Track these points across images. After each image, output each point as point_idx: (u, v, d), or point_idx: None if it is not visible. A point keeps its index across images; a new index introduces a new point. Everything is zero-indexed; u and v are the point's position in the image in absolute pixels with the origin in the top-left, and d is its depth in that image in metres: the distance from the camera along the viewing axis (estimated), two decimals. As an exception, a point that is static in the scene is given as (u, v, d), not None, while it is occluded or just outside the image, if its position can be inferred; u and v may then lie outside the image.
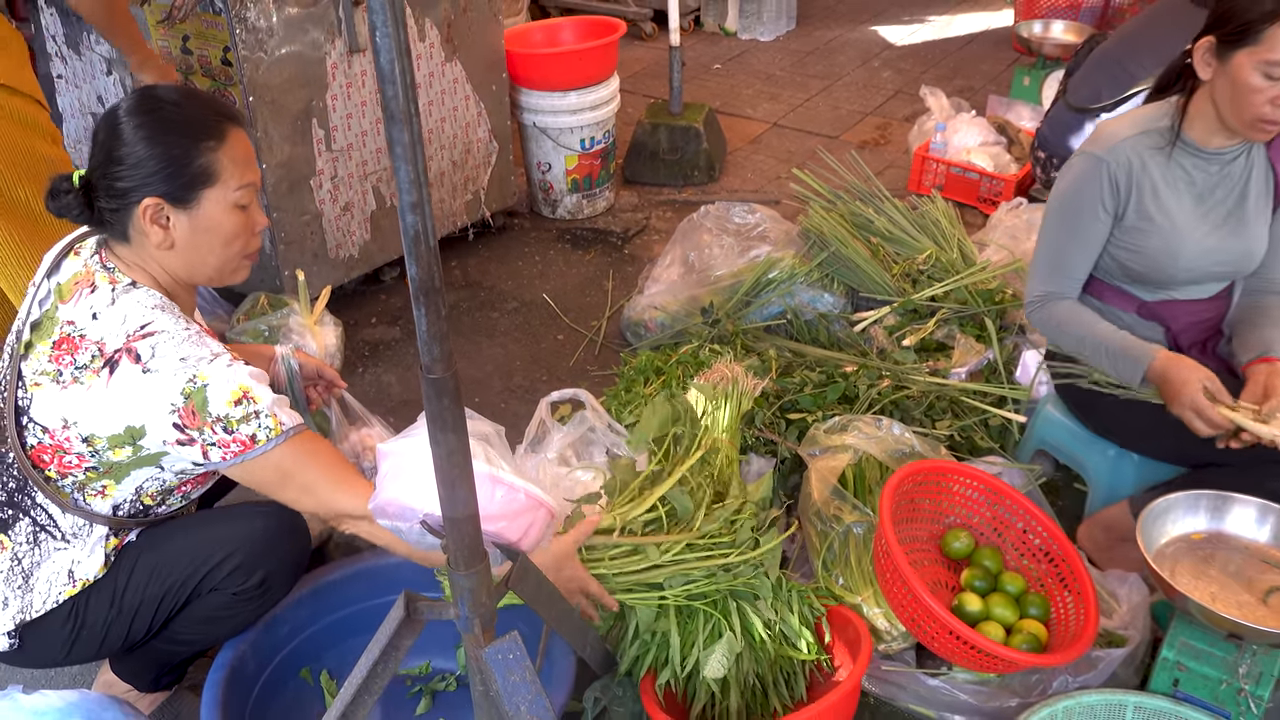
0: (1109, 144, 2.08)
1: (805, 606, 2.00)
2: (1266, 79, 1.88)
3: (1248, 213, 2.13)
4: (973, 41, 6.14)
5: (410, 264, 1.14)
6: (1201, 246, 2.12)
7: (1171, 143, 2.07)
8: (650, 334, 3.14)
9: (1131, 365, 2.08)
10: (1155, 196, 2.09)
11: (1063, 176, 2.17)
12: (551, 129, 3.89)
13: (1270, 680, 1.79)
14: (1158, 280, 2.18)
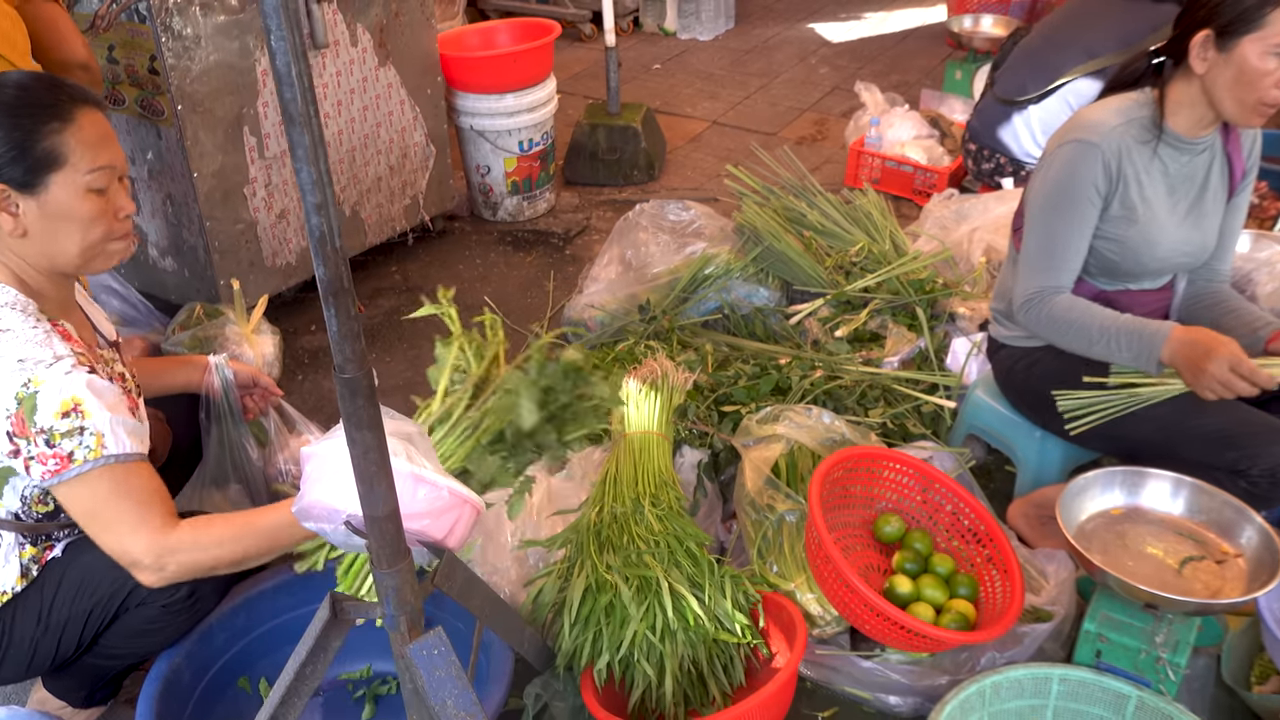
0: (1100, 131, 2.09)
1: (740, 592, 2.04)
2: (1276, 59, 1.92)
3: (1207, 204, 2.19)
4: (908, 37, 6.23)
5: (318, 265, 1.14)
6: (1173, 237, 2.16)
7: (1157, 135, 2.11)
8: (591, 332, 3.16)
9: (1149, 343, 2.05)
10: (1139, 187, 2.12)
11: (1049, 166, 2.15)
12: (489, 132, 3.90)
13: (1186, 648, 1.85)
14: (1128, 271, 2.20)
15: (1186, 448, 2.06)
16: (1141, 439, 2.10)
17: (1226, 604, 1.76)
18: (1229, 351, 1.95)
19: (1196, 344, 1.99)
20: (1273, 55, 1.91)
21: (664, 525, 2.11)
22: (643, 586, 2.01)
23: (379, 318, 3.51)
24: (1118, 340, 2.08)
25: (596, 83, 5.40)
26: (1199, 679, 2.05)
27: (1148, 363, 2.07)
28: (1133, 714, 1.89)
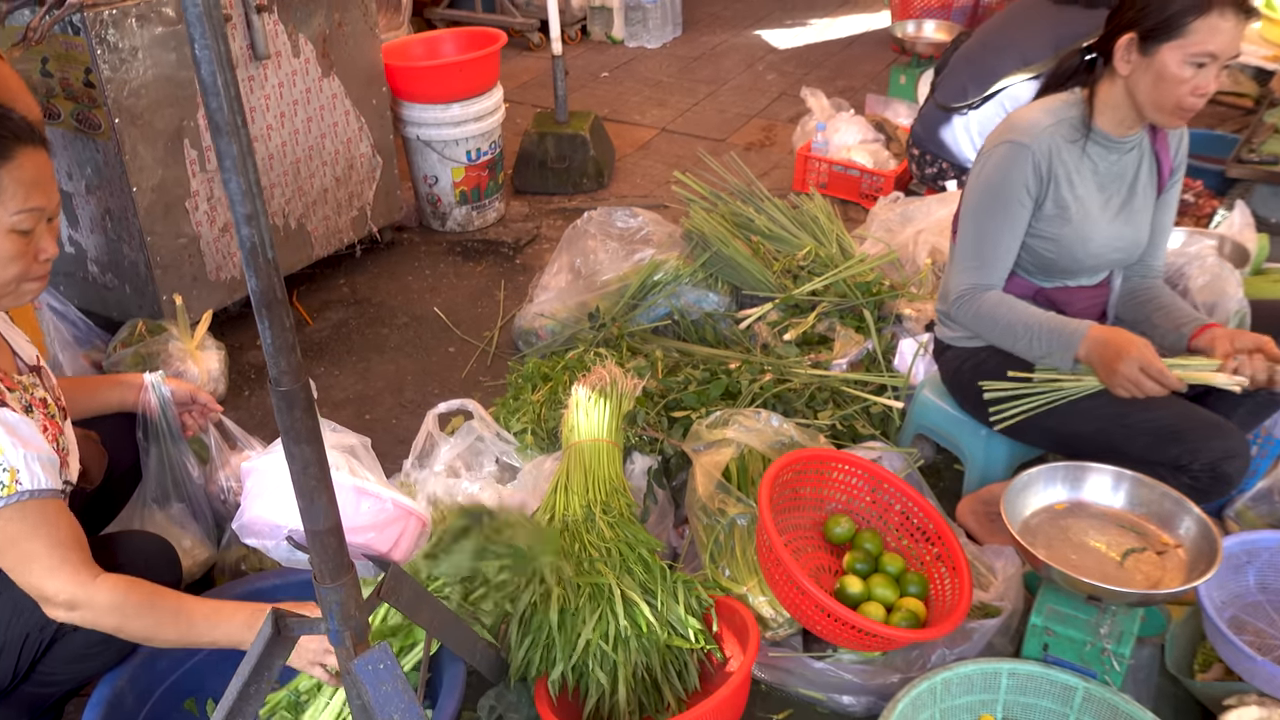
0: (1032, 132, 2.12)
1: (692, 597, 2.04)
2: (1192, 69, 1.96)
3: (1137, 201, 2.23)
4: (853, 43, 6.30)
5: (250, 276, 1.13)
6: (1106, 234, 2.20)
7: (1085, 134, 2.15)
8: (541, 341, 3.15)
9: (1065, 341, 2.09)
10: (1070, 185, 2.16)
11: (982, 167, 2.20)
12: (436, 142, 3.87)
13: (1130, 638, 1.88)
14: (1064, 268, 2.24)
15: (1129, 444, 2.10)
16: (1085, 436, 2.14)
17: (1167, 594, 1.79)
18: (1139, 353, 2.00)
19: (1109, 344, 2.04)
20: (1190, 64, 1.96)
21: (615, 533, 2.11)
22: (595, 594, 2.00)
23: (327, 331, 3.47)
24: (1039, 337, 2.13)
25: (545, 91, 5.39)
26: (1144, 668, 2.09)
27: (1064, 360, 2.11)
28: (1080, 705, 1.92)
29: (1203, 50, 1.94)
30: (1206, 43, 1.94)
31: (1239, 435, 2.06)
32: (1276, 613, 2.07)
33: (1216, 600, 2.04)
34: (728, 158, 3.61)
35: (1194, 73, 1.97)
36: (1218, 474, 2.01)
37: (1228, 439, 2.03)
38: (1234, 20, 1.94)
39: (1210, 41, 1.94)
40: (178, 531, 2.02)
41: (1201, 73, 1.97)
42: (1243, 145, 3.94)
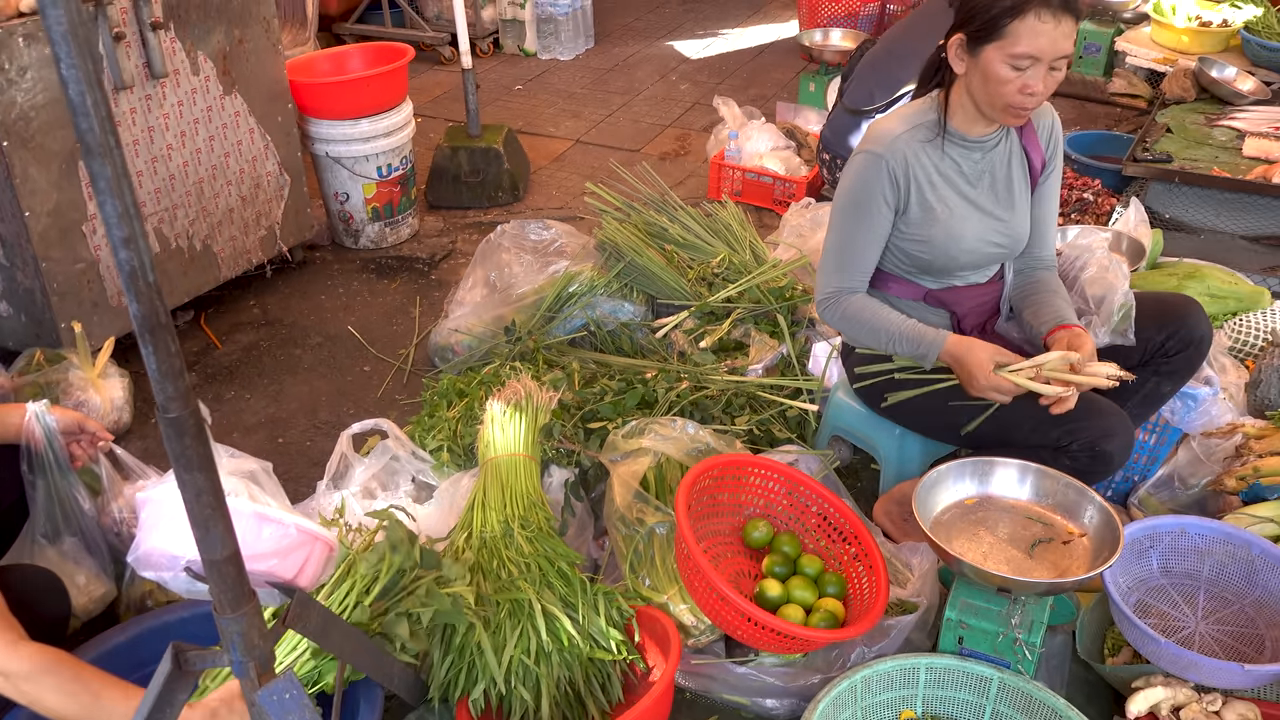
0: (885, 141, 2.16)
1: (613, 608, 2.03)
2: (1014, 70, 1.99)
3: (1013, 196, 2.27)
4: (764, 51, 6.38)
5: (130, 301, 1.10)
6: (978, 231, 2.24)
7: (941, 134, 2.19)
8: (457, 357, 3.12)
9: (923, 352, 2.16)
10: (933, 187, 2.19)
11: (844, 176, 2.25)
12: (345, 158, 3.82)
13: (1040, 628, 1.93)
14: (943, 267, 2.28)
15: (1015, 430, 2.16)
16: (979, 428, 2.17)
17: (1073, 582, 1.83)
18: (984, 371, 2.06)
19: (961, 361, 2.10)
20: (1011, 66, 1.98)
21: (534, 547, 2.09)
22: (515, 610, 1.98)
23: (237, 354, 3.39)
24: (900, 344, 2.19)
25: (458, 105, 5.35)
26: (1056, 656, 2.14)
27: (928, 362, 2.19)
28: (995, 695, 1.96)
29: (1022, 52, 1.96)
30: (1025, 44, 1.96)
31: (1118, 416, 2.10)
32: (1179, 595, 2.14)
33: (1122, 585, 2.10)
34: (640, 168, 3.62)
35: (1017, 74, 1.99)
36: (1096, 453, 2.06)
37: (1105, 418, 2.08)
38: (1053, 22, 1.95)
39: (1028, 43, 1.96)
40: (71, 567, 1.94)
41: (1026, 73, 1.99)
42: (1137, 144, 4.08)
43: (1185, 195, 3.95)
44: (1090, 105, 5.35)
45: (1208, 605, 2.11)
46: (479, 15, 6.11)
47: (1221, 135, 4.23)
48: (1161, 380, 2.29)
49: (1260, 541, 2.10)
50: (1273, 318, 2.91)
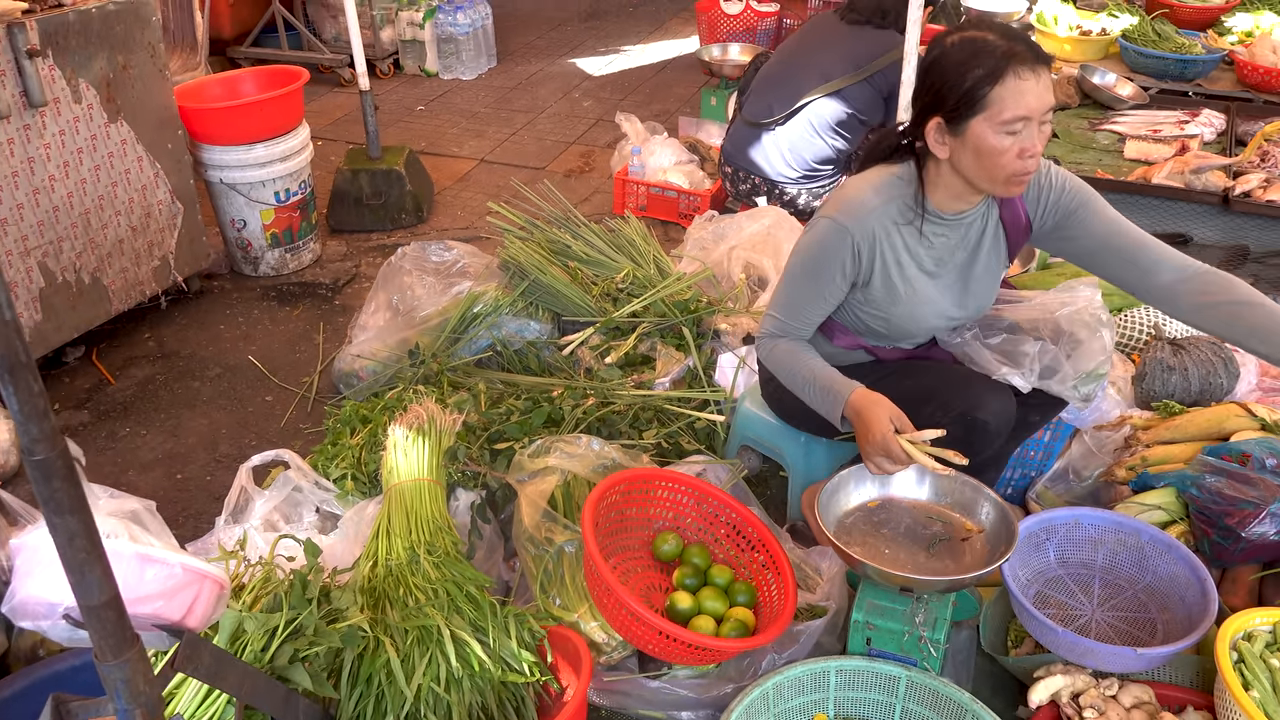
0: (856, 215, 2.06)
1: (524, 630, 2.01)
2: (1009, 136, 1.87)
3: (978, 270, 2.18)
4: (665, 67, 6.45)
5: (-12, 341, 1.05)
6: (938, 309, 2.19)
7: (919, 216, 2.08)
8: (362, 383, 3.07)
9: (830, 404, 2.09)
10: (900, 268, 2.11)
11: (809, 232, 2.15)
12: (241, 184, 3.74)
13: (944, 624, 1.97)
14: (893, 338, 2.26)
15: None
16: None
17: (971, 577, 1.88)
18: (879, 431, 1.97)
19: (859, 415, 2.02)
20: (1005, 133, 1.87)
21: (442, 572, 2.06)
22: (424, 637, 1.95)
23: (132, 389, 3.28)
24: (813, 393, 2.13)
25: (359, 127, 5.30)
26: (962, 651, 2.19)
27: (833, 419, 2.10)
28: (904, 693, 1.99)
29: (1012, 116, 1.86)
30: (1013, 107, 1.85)
31: (988, 384, 2.14)
32: (1076, 584, 2.21)
33: (1021, 578, 2.16)
34: (542, 186, 3.62)
35: (1012, 139, 1.88)
36: (969, 423, 2.06)
37: (973, 388, 2.11)
38: (1033, 77, 1.85)
39: (1016, 105, 1.85)
40: (-45, 621, 1.86)
41: (1020, 136, 1.88)
42: (1025, 150, 4.22)
43: (1072, 197, 4.09)
44: (981, 113, 5.52)
45: (1103, 593, 2.18)
46: (378, 36, 6.05)
47: (1104, 139, 4.40)
48: (1029, 410, 2.30)
49: (1149, 529, 2.18)
50: (1155, 313, 3.02)
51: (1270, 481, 2.16)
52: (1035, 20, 5.46)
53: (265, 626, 1.88)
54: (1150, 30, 5.19)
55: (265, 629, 1.88)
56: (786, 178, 3.80)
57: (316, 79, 6.00)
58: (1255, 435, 2.44)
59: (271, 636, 1.83)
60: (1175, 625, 2.03)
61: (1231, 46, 5.17)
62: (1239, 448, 2.31)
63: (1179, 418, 2.59)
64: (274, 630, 1.87)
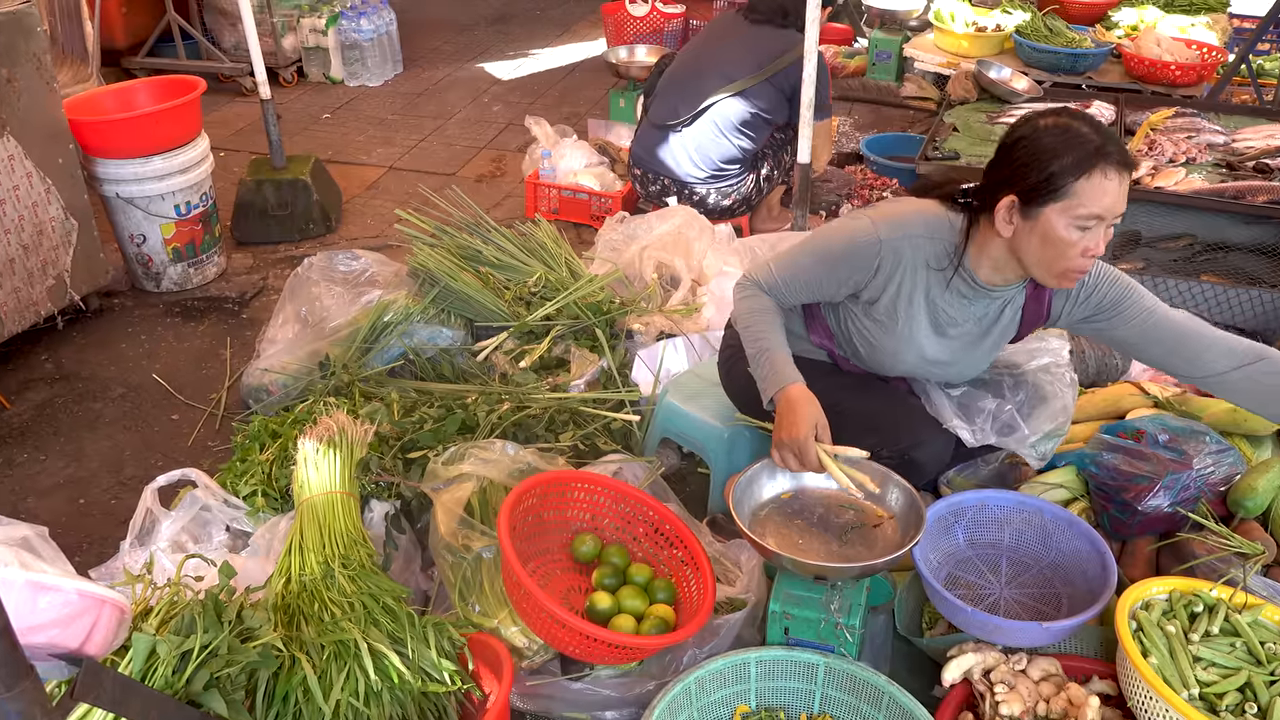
0: (897, 233, 2.04)
1: (444, 639, 2.00)
2: (1079, 231, 1.86)
3: (984, 344, 2.20)
4: (574, 70, 6.45)
5: None
6: (922, 359, 2.19)
7: (954, 270, 2.06)
8: (273, 397, 3.01)
9: (772, 381, 2.09)
10: (910, 305, 2.10)
11: (847, 221, 2.12)
12: (139, 198, 3.63)
13: (859, 610, 2.00)
14: (866, 363, 2.26)
15: (841, 430, 2.22)
16: None
17: (882, 563, 1.92)
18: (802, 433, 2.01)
19: (789, 407, 2.04)
20: (1076, 227, 1.86)
21: (357, 585, 2.03)
22: (341, 652, 1.92)
23: (29, 413, 3.17)
24: (758, 361, 2.14)
25: (263, 137, 5.17)
26: (879, 635, 2.23)
27: (764, 395, 2.13)
28: (823, 679, 2.03)
29: (1088, 213, 1.85)
30: (1091, 204, 1.84)
31: (932, 427, 2.22)
32: (984, 564, 2.27)
33: (933, 561, 2.21)
34: (451, 191, 3.59)
35: (1081, 235, 1.87)
36: (907, 461, 2.16)
37: (918, 429, 2.19)
38: (1117, 179, 1.84)
39: (1095, 203, 1.84)
40: None
41: (1089, 234, 1.87)
42: (927, 144, 4.33)
43: (973, 189, 4.21)
44: (885, 109, 5.64)
45: (1010, 571, 2.25)
46: (279, 44, 5.94)
47: (1002, 132, 4.54)
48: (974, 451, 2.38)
49: (1051, 507, 2.25)
50: (1053, 298, 3.13)
51: (1163, 456, 2.25)
52: (934, 17, 5.61)
53: (178, 649, 1.84)
54: (1042, 26, 5.36)
55: (178, 652, 1.83)
56: (695, 178, 3.83)
57: (217, 89, 5.86)
58: (1148, 412, 2.54)
59: (185, 660, 1.79)
60: (1079, 599, 2.10)
61: (1119, 40, 5.37)
62: (1133, 425, 2.40)
63: (1078, 399, 2.68)
64: (187, 654, 1.83)
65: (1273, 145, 4.07)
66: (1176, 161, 3.99)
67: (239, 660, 1.77)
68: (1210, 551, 2.10)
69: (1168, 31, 5.44)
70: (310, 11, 6.02)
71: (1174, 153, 4.03)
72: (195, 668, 1.78)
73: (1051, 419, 2.32)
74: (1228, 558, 2.08)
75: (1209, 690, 1.78)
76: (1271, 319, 3.31)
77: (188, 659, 1.77)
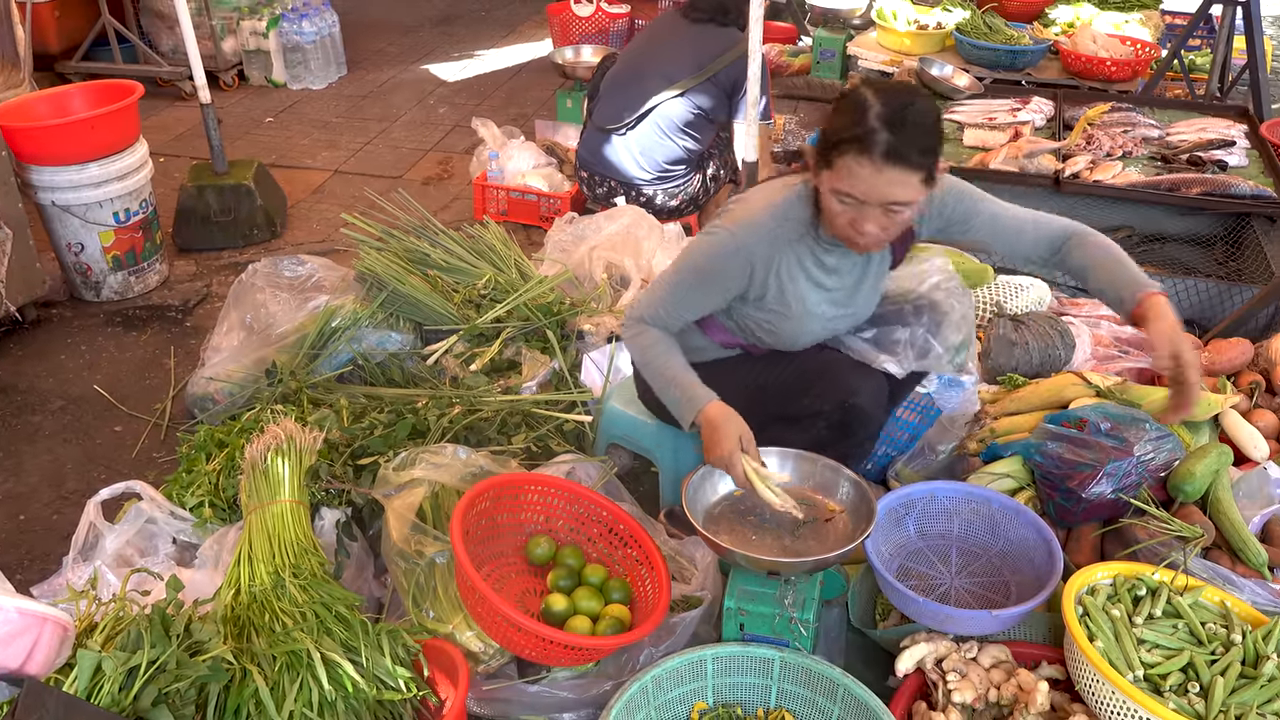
0: (751, 234, 2.08)
1: (399, 646, 1.98)
2: (840, 204, 1.91)
3: (868, 281, 2.25)
4: (521, 71, 6.43)
5: None
6: (824, 322, 2.23)
7: (813, 234, 2.11)
8: (219, 406, 2.96)
9: (684, 408, 2.10)
10: (793, 282, 2.13)
11: (706, 237, 2.15)
12: (75, 206, 3.55)
13: (813, 604, 2.02)
14: (775, 347, 2.28)
15: (774, 405, 2.23)
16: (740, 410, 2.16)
17: (834, 556, 1.94)
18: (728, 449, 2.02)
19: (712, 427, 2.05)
20: (837, 199, 1.92)
21: (309, 594, 2.01)
22: (294, 663, 1.90)
23: (-35, 428, 3.09)
24: (670, 391, 2.14)
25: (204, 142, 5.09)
26: (834, 628, 2.26)
27: (684, 422, 2.13)
28: (779, 674, 2.04)
29: (843, 189, 1.89)
30: (843, 182, 1.89)
31: (863, 372, 2.23)
32: (935, 555, 2.30)
33: (884, 553, 2.23)
34: (397, 195, 3.56)
35: (843, 209, 1.92)
36: (847, 409, 2.15)
37: (849, 377, 2.19)
38: (873, 168, 1.84)
39: (846, 182, 1.88)
40: None
41: (850, 210, 1.91)
42: (871, 141, 4.38)
43: (917, 185, 4.26)
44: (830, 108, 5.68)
45: (960, 561, 2.28)
46: (219, 47, 5.84)
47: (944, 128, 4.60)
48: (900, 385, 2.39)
49: (999, 497, 2.29)
50: (997, 291, 3.18)
51: (1105, 444, 2.30)
52: (876, 16, 5.67)
53: (124, 666, 1.80)
54: (982, 23, 5.45)
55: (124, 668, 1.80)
56: (641, 179, 3.83)
57: (156, 93, 5.76)
58: (1091, 401, 2.59)
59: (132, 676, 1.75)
60: (1027, 586, 2.14)
61: (1056, 37, 5.47)
62: (1076, 414, 2.45)
63: (1022, 390, 2.73)
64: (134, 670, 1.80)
65: (1205, 138, 4.18)
66: (1113, 155, 4.08)
67: (188, 675, 1.74)
68: (1152, 536, 2.15)
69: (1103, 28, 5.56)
70: (250, 14, 5.94)
71: (1111, 147, 4.12)
72: (143, 684, 1.74)
73: (957, 329, 2.38)
74: (1169, 541, 2.13)
75: (1153, 672, 1.82)
76: (1207, 308, 3.40)
77: (135, 675, 1.74)
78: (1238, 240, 3.78)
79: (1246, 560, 2.16)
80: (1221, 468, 2.31)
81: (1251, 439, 2.52)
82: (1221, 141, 4.13)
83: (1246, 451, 2.50)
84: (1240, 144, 4.16)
